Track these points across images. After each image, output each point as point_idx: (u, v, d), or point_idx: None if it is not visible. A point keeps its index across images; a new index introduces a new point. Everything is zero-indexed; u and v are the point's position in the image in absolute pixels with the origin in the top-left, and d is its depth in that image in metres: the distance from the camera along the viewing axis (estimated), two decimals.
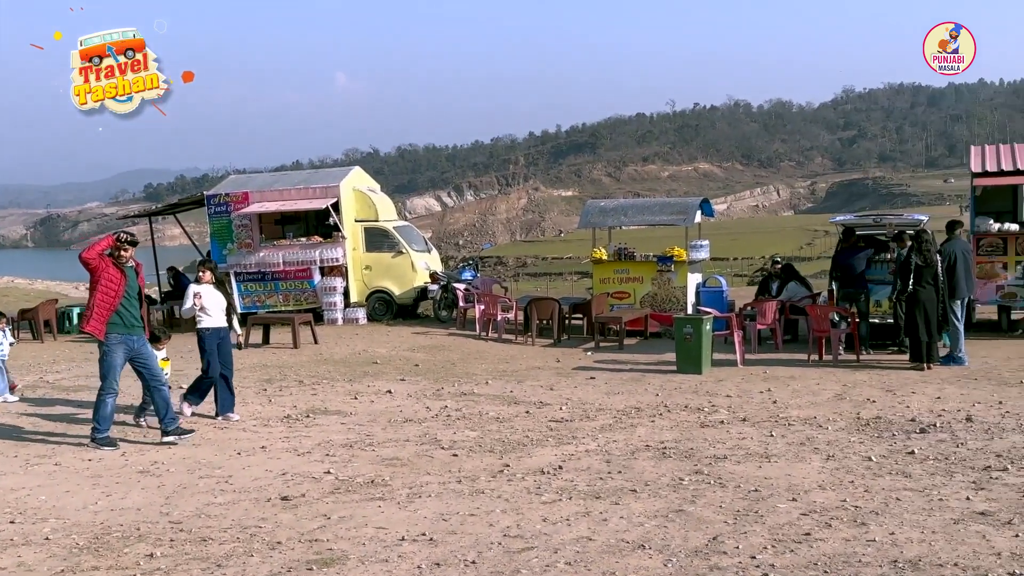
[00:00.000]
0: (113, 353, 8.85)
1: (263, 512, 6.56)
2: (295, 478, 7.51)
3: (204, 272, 10.23)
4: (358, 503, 6.70)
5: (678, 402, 10.45)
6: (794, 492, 6.58)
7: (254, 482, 7.42)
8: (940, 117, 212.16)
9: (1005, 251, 15.22)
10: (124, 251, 8.79)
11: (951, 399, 10.02)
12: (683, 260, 16.68)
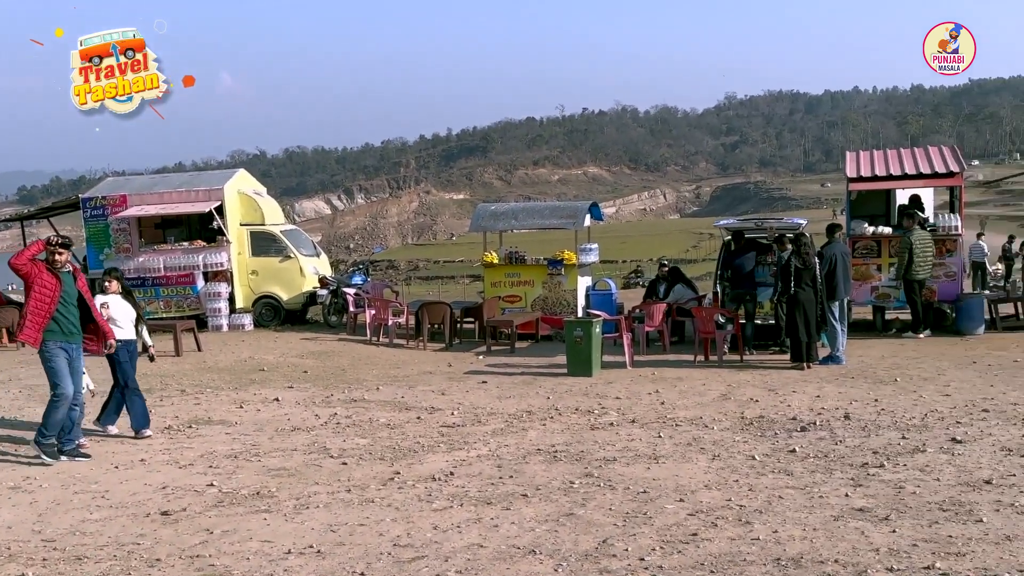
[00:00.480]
0: (56, 356, 8.34)
1: (142, 528, 6.31)
2: (176, 492, 7.25)
3: (111, 282, 9.62)
4: (242, 516, 6.50)
5: (569, 405, 10.52)
6: (681, 492, 6.67)
7: (132, 497, 7.13)
8: (817, 123, 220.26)
9: (879, 253, 15.82)
10: (58, 255, 8.29)
11: (830, 397, 10.35)
12: (573, 263, 16.83)
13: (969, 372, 11.59)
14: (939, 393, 10.27)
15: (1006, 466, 7.00)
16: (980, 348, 13.59)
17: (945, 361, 12.52)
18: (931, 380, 11.12)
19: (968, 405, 9.50)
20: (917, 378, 11.30)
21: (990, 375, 11.32)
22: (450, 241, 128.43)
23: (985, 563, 4.97)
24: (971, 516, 5.79)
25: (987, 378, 11.11)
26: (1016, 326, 15.63)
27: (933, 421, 8.82)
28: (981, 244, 26.31)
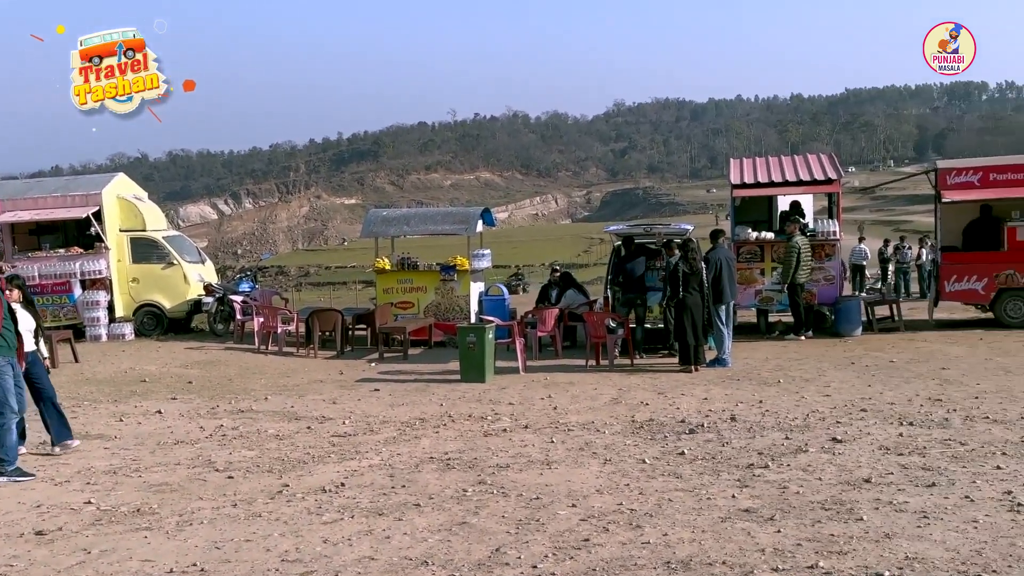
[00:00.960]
0: (4, 375, 8.04)
1: (15, 549, 5.99)
2: (51, 510, 6.92)
3: (12, 290, 9.10)
4: (122, 535, 6.24)
5: (462, 411, 10.47)
6: (574, 498, 6.70)
7: (4, 516, 6.77)
8: (703, 131, 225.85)
9: (762, 258, 16.28)
10: None
11: (717, 400, 10.56)
12: (465, 269, 16.80)
13: (848, 373, 12.00)
14: (820, 394, 10.60)
15: (884, 465, 7.26)
16: (858, 349, 14.09)
17: (825, 362, 12.94)
18: (812, 381, 11.47)
19: (847, 405, 9.83)
20: (799, 379, 11.65)
21: (868, 375, 11.74)
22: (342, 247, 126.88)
23: (866, 561, 5.13)
24: (852, 515, 5.97)
25: (865, 378, 11.52)
26: (891, 327, 16.27)
27: (815, 421, 9.08)
28: (862, 248, 27.32)
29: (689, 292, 12.87)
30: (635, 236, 15.85)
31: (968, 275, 15.81)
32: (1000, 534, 5.49)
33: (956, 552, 5.21)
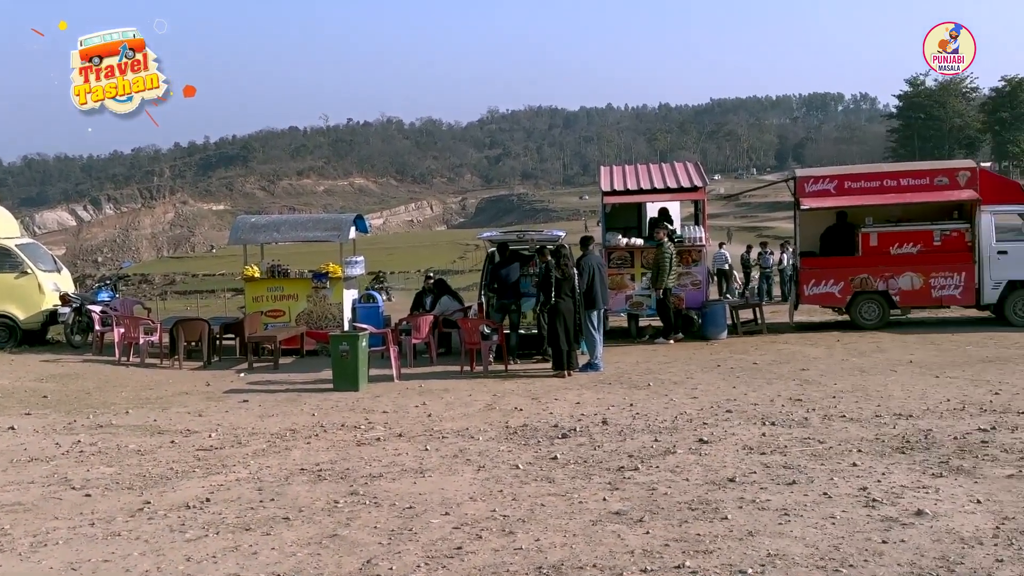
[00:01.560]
0: None
1: None
2: None
3: None
4: None
5: (335, 421, 10.30)
6: (447, 506, 6.67)
7: None
8: (575, 138, 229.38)
9: (632, 263, 16.61)
10: None
11: (589, 404, 10.71)
12: (338, 276, 16.56)
13: (714, 375, 12.35)
14: (688, 396, 10.87)
15: (748, 464, 7.48)
16: (724, 352, 14.52)
17: (693, 365, 13.29)
18: (681, 384, 11.75)
19: (714, 407, 10.11)
20: (668, 382, 11.92)
21: (733, 377, 12.10)
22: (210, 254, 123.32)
23: (730, 559, 5.27)
24: (717, 514, 6.13)
25: (730, 380, 11.87)
26: (755, 330, 16.84)
27: (683, 423, 9.31)
28: (723, 252, 28.18)
29: (562, 298, 13.01)
30: (509, 242, 15.94)
31: (825, 279, 16.49)
32: (856, 529, 5.73)
33: (815, 548, 5.41)
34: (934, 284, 16.06)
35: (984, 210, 15.91)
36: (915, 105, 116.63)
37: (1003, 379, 11.03)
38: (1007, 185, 17.37)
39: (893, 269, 16.14)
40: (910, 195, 16.30)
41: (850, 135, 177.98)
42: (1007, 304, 15.92)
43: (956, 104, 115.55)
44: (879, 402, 9.96)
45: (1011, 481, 6.69)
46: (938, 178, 16.40)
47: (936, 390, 10.54)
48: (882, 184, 16.58)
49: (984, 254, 15.91)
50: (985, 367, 12.00)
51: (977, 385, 10.73)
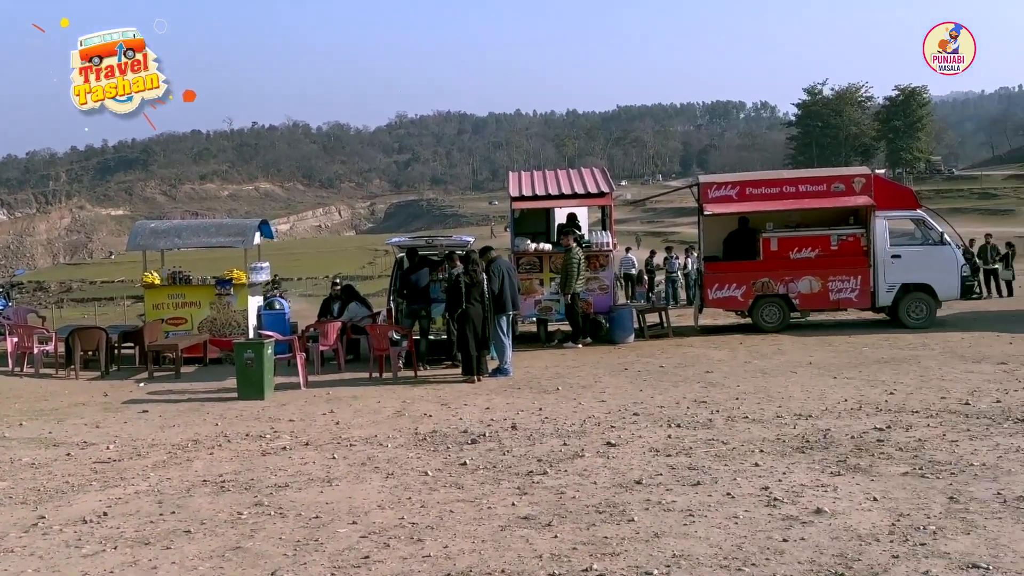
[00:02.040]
0: None
1: None
2: None
3: None
4: None
5: (239, 431, 10.09)
6: (355, 515, 6.58)
7: None
8: (484, 144, 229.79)
9: (541, 268, 16.70)
10: None
11: (499, 409, 10.71)
12: (243, 283, 16.25)
13: (622, 379, 12.49)
14: (596, 400, 10.96)
15: (654, 466, 7.58)
16: (631, 355, 14.70)
17: (601, 369, 13.42)
18: (589, 388, 11.85)
19: (621, 410, 10.22)
20: (577, 386, 12.01)
21: (640, 380, 12.26)
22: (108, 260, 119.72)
23: (636, 560, 5.32)
24: (624, 516, 6.19)
25: (637, 383, 12.02)
26: (661, 334, 17.10)
27: (591, 427, 9.38)
28: (630, 257, 28.62)
29: (471, 303, 13.01)
30: (418, 248, 15.87)
31: (728, 283, 16.86)
32: (758, 528, 5.85)
33: (719, 548, 5.50)
34: (832, 287, 16.55)
35: (878, 215, 16.47)
36: (813, 113, 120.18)
37: (897, 379, 11.42)
38: (900, 191, 18.03)
39: (793, 273, 16.58)
40: (808, 201, 16.78)
41: (751, 142, 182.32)
42: (901, 306, 16.50)
43: (852, 113, 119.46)
44: (780, 403, 10.21)
45: (905, 479, 6.93)
46: (835, 184, 16.92)
47: (834, 390, 10.85)
48: (782, 190, 17.03)
49: (879, 258, 16.46)
50: (880, 368, 12.41)
51: (873, 385, 11.08)
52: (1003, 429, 8.40)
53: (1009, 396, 9.98)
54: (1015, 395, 10.02)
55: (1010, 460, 7.29)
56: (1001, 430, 8.37)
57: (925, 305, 16.46)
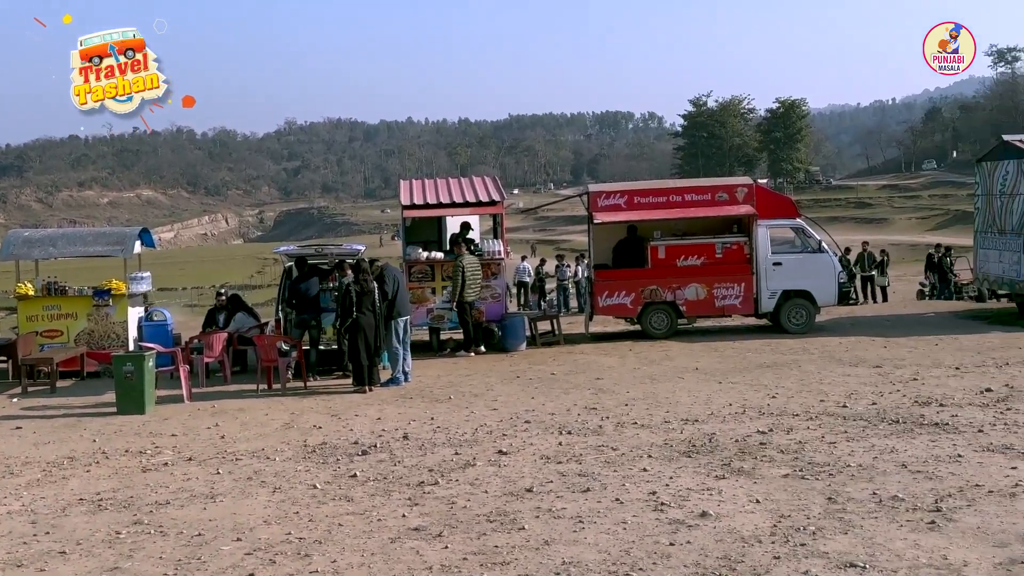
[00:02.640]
0: None
1: None
2: None
3: None
4: None
5: (118, 447, 9.73)
6: (239, 531, 6.42)
7: None
8: (376, 152, 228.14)
9: (433, 277, 16.63)
10: None
11: (390, 419, 10.62)
12: (122, 293, 15.69)
13: (514, 386, 12.53)
14: (488, 408, 10.97)
15: (545, 473, 7.62)
16: (523, 363, 14.76)
17: (493, 377, 13.43)
18: (481, 396, 11.85)
19: (513, 418, 10.25)
20: (469, 394, 11.99)
21: (531, 388, 12.32)
22: None
23: (527, 569, 5.34)
24: (514, 524, 6.20)
25: (529, 391, 12.08)
26: (552, 341, 17.21)
27: (483, 435, 9.38)
28: (525, 266, 28.77)
29: (362, 312, 12.86)
30: (307, 257, 15.60)
31: (618, 291, 17.09)
32: (646, 533, 5.94)
33: (607, 553, 5.56)
34: (717, 294, 16.94)
35: (760, 224, 16.94)
36: (698, 124, 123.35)
37: (779, 383, 11.76)
38: (781, 201, 18.60)
39: (680, 280, 16.91)
40: (694, 210, 17.14)
41: (640, 152, 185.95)
42: (782, 312, 16.99)
43: (735, 124, 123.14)
44: (668, 408, 10.40)
45: (787, 480, 7.13)
46: (719, 194, 17.34)
47: (719, 395, 11.11)
48: (668, 199, 17.35)
49: (761, 266, 16.93)
50: (763, 372, 12.76)
51: (756, 390, 11.39)
52: (878, 431, 8.74)
53: (884, 398, 10.39)
54: (889, 397, 10.44)
55: (885, 461, 7.58)
56: (876, 431, 8.70)
57: (805, 311, 17.00)
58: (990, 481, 6.83)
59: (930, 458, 7.60)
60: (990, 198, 18.02)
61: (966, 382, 11.15)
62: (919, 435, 8.45)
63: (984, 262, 18.43)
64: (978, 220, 18.76)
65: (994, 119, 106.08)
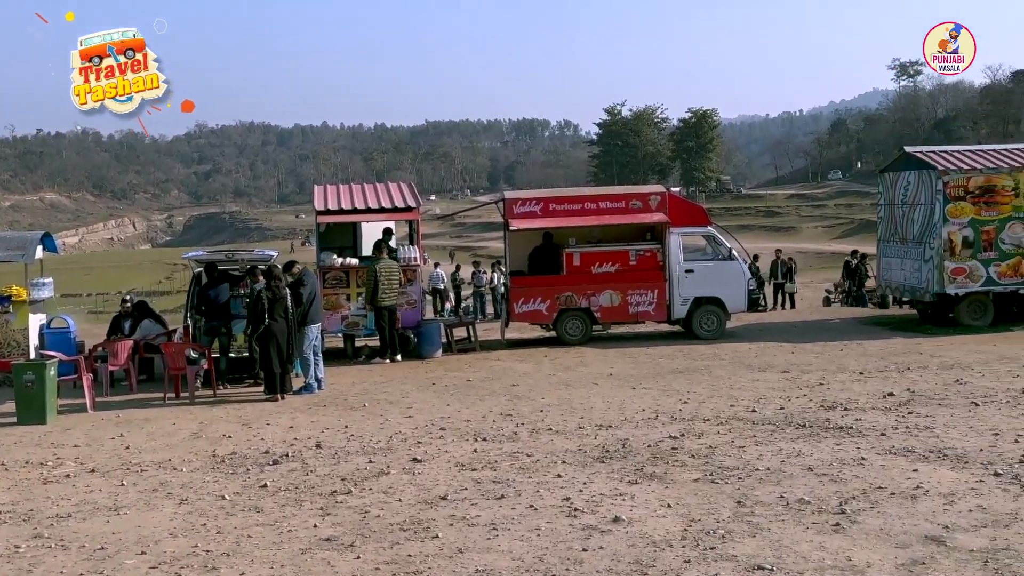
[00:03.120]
0: None
1: None
2: None
3: None
4: None
5: (18, 458, 9.38)
6: (144, 544, 6.24)
7: None
8: (290, 156, 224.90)
9: (348, 283, 16.45)
10: None
11: (303, 427, 10.46)
12: (23, 300, 15.15)
13: (429, 393, 12.47)
14: (403, 415, 10.89)
15: (459, 481, 7.60)
16: (439, 370, 14.71)
17: (408, 384, 13.35)
18: (396, 403, 11.76)
19: (428, 425, 10.20)
20: (384, 402, 11.89)
21: (447, 395, 12.28)
22: None
23: None
24: (428, 533, 6.16)
25: (444, 398, 12.04)
26: (469, 348, 17.19)
27: (397, 443, 9.31)
28: (439, 272, 28.71)
29: (275, 319, 12.65)
30: (217, 263, 15.29)
31: (534, 297, 17.16)
32: (559, 539, 5.96)
33: (521, 560, 5.56)
34: (631, 301, 17.14)
35: (673, 232, 17.20)
36: (613, 133, 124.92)
37: (691, 389, 11.95)
38: (693, 209, 18.92)
39: (594, 287, 17.06)
40: (608, 217, 17.32)
41: (556, 159, 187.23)
42: (694, 319, 17.28)
43: (649, 133, 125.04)
44: (582, 414, 10.47)
45: (697, 485, 7.24)
46: (632, 202, 17.55)
47: (633, 401, 11.23)
48: (583, 207, 17.50)
49: (673, 273, 17.18)
50: (676, 378, 12.95)
51: (668, 395, 11.55)
52: (785, 434, 8.94)
53: (791, 403, 10.64)
54: (797, 402, 10.69)
55: (792, 464, 7.76)
56: (784, 435, 8.90)
57: (716, 317, 17.31)
58: (892, 483, 7.04)
59: (835, 461, 7.80)
60: (892, 208, 18.63)
61: (869, 387, 11.49)
62: (825, 439, 8.67)
63: (887, 270, 19.04)
64: (881, 229, 19.37)
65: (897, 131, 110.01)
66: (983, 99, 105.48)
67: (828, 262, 50.01)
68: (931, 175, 16.97)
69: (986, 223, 16.74)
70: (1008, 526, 5.94)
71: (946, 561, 5.38)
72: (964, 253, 16.73)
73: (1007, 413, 9.52)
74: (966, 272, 16.79)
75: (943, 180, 16.64)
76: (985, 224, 16.74)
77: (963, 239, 16.72)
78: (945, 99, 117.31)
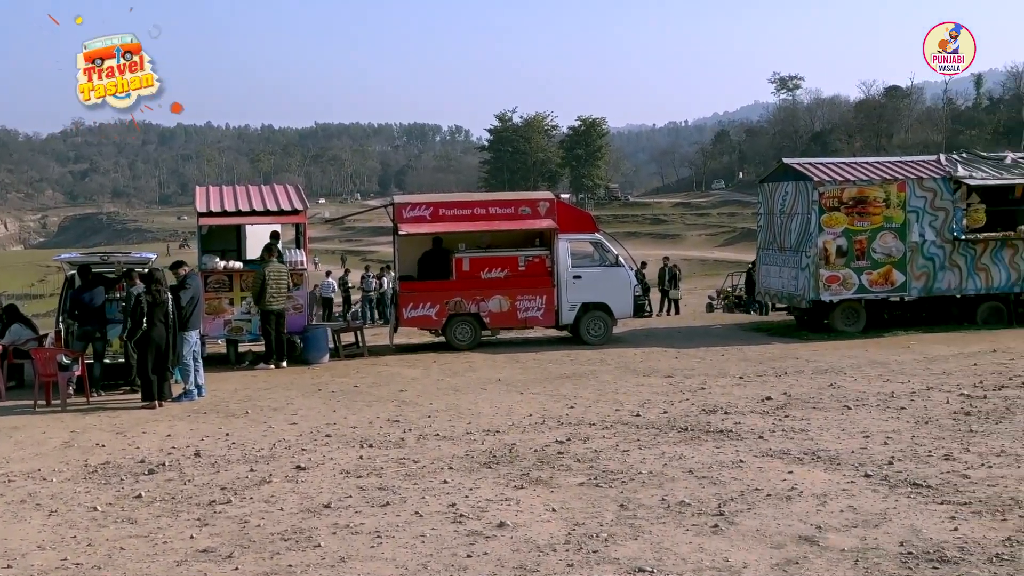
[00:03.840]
0: None
1: None
2: None
3: None
4: None
5: None
6: (10, 558, 5.96)
7: None
8: (172, 156, 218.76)
9: (231, 287, 16.07)
10: None
11: (182, 435, 10.15)
12: None
13: (315, 400, 12.27)
14: (287, 422, 10.68)
15: (344, 488, 7.48)
16: (325, 376, 14.49)
17: (294, 390, 13.11)
18: (280, 410, 11.53)
19: (313, 432, 10.02)
20: (268, 408, 11.64)
21: (333, 401, 12.10)
22: None
23: None
24: (310, 542, 6.04)
25: (331, 404, 11.86)
26: (356, 353, 16.99)
27: (280, 450, 9.12)
28: (330, 282, 28.31)
29: (154, 324, 12.25)
30: (91, 265, 14.72)
31: (423, 302, 17.08)
32: (444, 546, 5.92)
33: (405, 568, 5.51)
34: (520, 307, 17.23)
35: (561, 238, 17.38)
36: (504, 139, 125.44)
37: (577, 393, 12.07)
38: (581, 216, 19.15)
39: (484, 292, 17.10)
40: (498, 223, 17.39)
41: (447, 164, 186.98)
42: (582, 324, 17.48)
43: (539, 140, 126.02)
44: (470, 419, 10.46)
45: (582, 489, 7.31)
46: (522, 208, 17.67)
47: (521, 406, 11.28)
48: (473, 212, 17.53)
49: (562, 279, 17.35)
50: (563, 383, 13.07)
51: (556, 400, 11.64)
52: (668, 438, 9.11)
53: (674, 407, 10.85)
54: (679, 406, 10.91)
55: (674, 467, 7.91)
56: (667, 439, 9.07)
57: (603, 323, 17.56)
58: (768, 485, 7.24)
59: (715, 464, 7.98)
60: (771, 217, 19.24)
61: (748, 391, 11.81)
62: (705, 442, 8.87)
63: (766, 277, 19.64)
64: (761, 237, 19.98)
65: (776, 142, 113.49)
66: (857, 113, 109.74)
67: (712, 269, 51.24)
68: (807, 186, 17.57)
69: (859, 233, 17.42)
70: (877, 526, 6.17)
71: (819, 560, 5.56)
72: (838, 261, 17.38)
73: (877, 416, 9.91)
74: (840, 280, 17.45)
75: (819, 191, 17.26)
76: (858, 234, 17.42)
77: (837, 248, 17.37)
78: (822, 113, 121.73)
